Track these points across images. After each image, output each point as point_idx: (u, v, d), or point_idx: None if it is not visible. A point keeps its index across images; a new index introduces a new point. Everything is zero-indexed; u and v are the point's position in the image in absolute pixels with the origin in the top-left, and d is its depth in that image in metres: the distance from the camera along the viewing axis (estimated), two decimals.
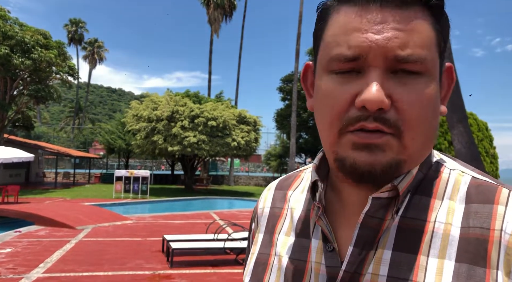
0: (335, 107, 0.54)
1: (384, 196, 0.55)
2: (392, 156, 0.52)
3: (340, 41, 0.53)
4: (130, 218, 12.49)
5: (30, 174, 30.01)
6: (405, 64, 0.51)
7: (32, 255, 7.49)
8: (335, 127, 0.54)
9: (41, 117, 61.92)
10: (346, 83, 0.53)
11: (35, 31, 22.23)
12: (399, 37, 0.51)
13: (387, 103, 0.51)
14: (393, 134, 0.52)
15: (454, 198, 0.55)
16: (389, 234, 0.55)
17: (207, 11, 36.31)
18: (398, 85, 0.52)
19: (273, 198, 0.74)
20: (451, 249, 0.51)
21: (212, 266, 7.04)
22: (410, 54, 0.51)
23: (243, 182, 35.91)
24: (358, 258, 0.55)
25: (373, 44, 0.51)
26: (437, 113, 0.56)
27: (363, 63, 0.52)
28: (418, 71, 0.52)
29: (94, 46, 61.57)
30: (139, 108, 24.12)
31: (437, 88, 0.55)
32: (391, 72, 0.52)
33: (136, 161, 46.00)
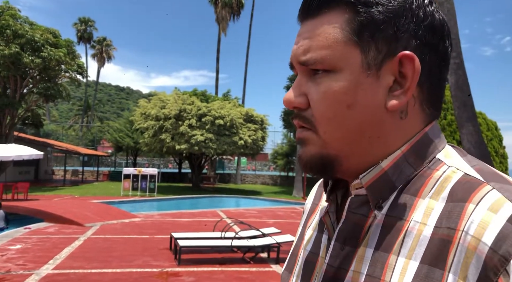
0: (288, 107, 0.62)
1: (362, 193, 0.57)
2: (316, 150, 0.57)
3: None
4: (138, 216, 12.57)
5: (39, 172, 30.28)
6: (310, 66, 0.57)
7: (42, 252, 7.58)
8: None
9: (50, 115, 62.44)
10: None
11: (45, 30, 22.40)
12: (304, 44, 0.57)
13: (298, 101, 0.58)
14: (311, 129, 0.57)
15: (436, 197, 0.53)
16: (372, 232, 0.55)
17: (215, 9, 36.34)
18: (312, 84, 0.57)
19: (315, 194, 0.78)
20: (419, 249, 0.50)
21: (219, 264, 7.07)
22: (309, 58, 0.56)
23: (250, 180, 35.93)
24: (340, 253, 0.57)
25: (292, 53, 0.60)
26: (355, 107, 0.55)
27: (295, 69, 0.61)
28: (325, 69, 0.56)
29: (103, 45, 61.89)
30: (147, 106, 24.23)
31: (352, 82, 0.54)
32: (312, 74, 0.57)
33: (144, 159, 46.26)
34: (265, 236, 7.97)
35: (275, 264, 7.22)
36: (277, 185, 34.43)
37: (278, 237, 7.91)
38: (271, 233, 8.34)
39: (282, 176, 35.12)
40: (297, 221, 13.05)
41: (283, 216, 14.11)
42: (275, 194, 25.20)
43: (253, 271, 6.79)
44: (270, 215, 14.36)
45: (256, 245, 7.37)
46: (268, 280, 6.26)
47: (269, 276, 6.53)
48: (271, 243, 7.49)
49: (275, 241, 7.49)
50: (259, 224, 10.66)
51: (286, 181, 33.62)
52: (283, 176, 35.00)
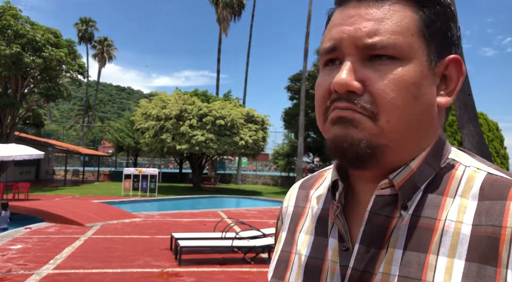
0: (320, 95, 0.58)
1: (386, 193, 0.56)
2: (364, 135, 0.54)
3: (325, 37, 0.59)
4: (138, 216, 12.57)
5: (40, 172, 30.31)
6: (375, 50, 0.54)
7: (42, 252, 7.58)
8: (321, 109, 0.58)
9: (51, 115, 62.51)
10: (329, 74, 0.58)
11: (46, 30, 22.43)
12: (368, 26, 0.54)
13: (357, 86, 0.53)
14: (367, 116, 0.54)
15: (466, 196, 0.54)
16: (400, 233, 0.54)
17: (216, 10, 36.35)
18: (372, 71, 0.54)
19: (296, 197, 0.75)
20: (461, 248, 0.50)
21: (220, 265, 7.07)
22: (377, 41, 0.53)
23: (250, 181, 35.93)
24: (366, 256, 0.55)
25: (345, 34, 0.55)
26: (419, 99, 0.55)
27: (340, 53, 0.56)
28: (392, 56, 0.53)
29: (104, 45, 61.93)
30: (148, 106, 24.25)
31: (419, 73, 0.54)
32: (368, 60, 0.55)
33: (145, 159, 46.29)
34: (266, 236, 7.97)
35: None
36: (278, 185, 34.43)
37: None
38: (272, 233, 8.33)
39: (282, 177, 35.11)
40: None
41: None
42: (275, 194, 25.19)
43: (254, 271, 6.79)
44: (271, 215, 14.35)
45: (257, 246, 7.36)
46: None
47: None
48: (272, 243, 7.48)
49: None
50: (260, 224, 10.65)
51: (287, 182, 33.61)
52: (283, 177, 34.99)
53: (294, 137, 32.78)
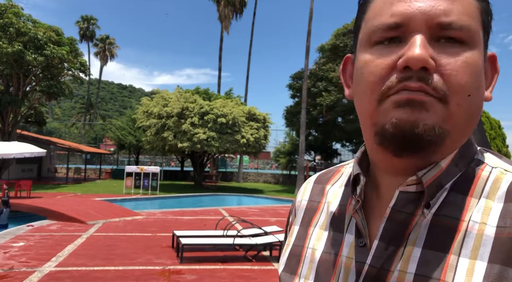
0: (376, 72, 0.53)
1: (411, 190, 0.54)
2: (437, 120, 0.50)
3: (383, 12, 0.54)
4: (140, 214, 12.60)
5: (42, 169, 30.39)
6: (449, 31, 0.51)
7: (44, 249, 7.60)
8: (375, 93, 0.53)
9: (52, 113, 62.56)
10: (387, 52, 0.53)
11: (48, 28, 22.44)
12: (443, 5, 0.51)
13: (432, 63, 0.50)
14: (438, 98, 0.50)
15: (492, 197, 0.53)
16: (420, 231, 0.53)
17: (217, 8, 36.31)
18: (442, 52, 0.51)
19: (311, 191, 0.74)
20: (484, 250, 0.49)
21: (221, 262, 7.08)
22: (454, 21, 0.51)
23: (252, 179, 35.95)
24: (384, 253, 0.54)
25: (416, 11, 0.51)
26: (482, 88, 0.54)
27: (406, 30, 0.52)
28: (463, 39, 0.51)
29: (106, 43, 61.94)
30: (150, 104, 24.26)
31: (482, 61, 0.54)
32: (435, 41, 0.51)
33: (146, 157, 46.35)
34: (267, 234, 7.97)
35: (277, 262, 7.22)
36: (279, 183, 34.44)
37: (280, 235, 7.91)
38: (273, 231, 8.35)
39: (284, 175, 35.12)
40: None
41: (285, 215, 14.10)
42: (277, 192, 25.19)
43: (255, 269, 6.80)
44: (272, 213, 14.36)
45: (258, 243, 7.37)
46: (270, 278, 6.27)
47: (271, 274, 6.53)
48: (273, 241, 7.49)
49: (277, 239, 7.50)
50: (261, 222, 10.67)
51: (288, 180, 33.63)
52: (285, 175, 35.00)
53: (296, 135, 32.78)
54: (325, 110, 27.06)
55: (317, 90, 27.48)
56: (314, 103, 27.47)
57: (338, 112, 26.98)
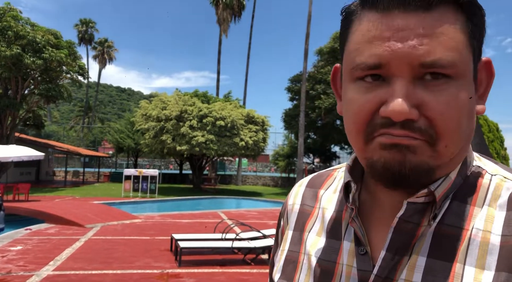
0: (361, 114, 0.52)
1: (419, 201, 0.54)
2: (423, 159, 0.50)
3: (362, 50, 0.52)
4: (138, 217, 12.57)
5: (40, 173, 30.32)
6: (432, 69, 0.49)
7: (42, 253, 7.57)
8: (361, 134, 0.53)
9: (51, 116, 62.54)
10: (370, 91, 0.52)
11: (46, 31, 22.45)
12: (424, 43, 0.48)
13: (415, 113, 0.49)
14: (424, 140, 0.50)
15: (493, 205, 0.53)
16: (425, 240, 0.53)
17: (216, 11, 36.39)
18: (426, 93, 0.49)
19: (303, 195, 0.72)
20: (491, 258, 0.49)
21: (220, 266, 7.06)
22: (437, 59, 0.48)
23: (250, 181, 35.93)
24: (390, 263, 0.54)
25: (397, 52, 0.49)
26: (472, 116, 0.53)
27: (387, 71, 0.50)
28: (448, 75, 0.49)
29: (104, 46, 61.99)
30: (148, 107, 24.27)
31: (471, 90, 0.52)
32: (419, 79, 0.50)
33: (145, 160, 46.28)
34: (266, 237, 7.96)
35: None
36: (278, 186, 34.42)
37: None
38: (272, 234, 8.33)
39: (283, 178, 35.12)
40: None
41: None
42: (276, 195, 25.17)
43: (254, 272, 6.77)
44: (271, 216, 14.33)
45: (257, 247, 7.35)
46: None
47: None
48: (272, 244, 7.46)
49: None
50: (260, 225, 10.65)
51: (287, 183, 33.61)
52: (284, 178, 34.99)
53: (294, 138, 32.80)
54: (323, 113, 27.10)
55: (316, 93, 27.53)
56: (312, 105, 27.51)
57: (336, 115, 26.97)
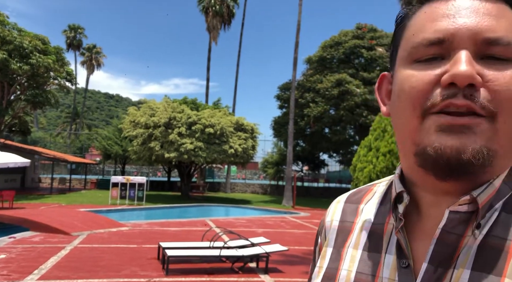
0: (418, 87, 0.51)
1: (462, 210, 0.51)
2: (484, 143, 0.48)
3: (425, 28, 0.52)
4: (125, 225, 12.43)
5: (25, 180, 29.84)
6: (495, 47, 0.49)
7: (27, 262, 7.44)
8: (418, 108, 0.51)
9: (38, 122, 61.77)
10: (430, 67, 0.51)
11: (34, 37, 22.26)
12: (488, 21, 0.50)
13: (479, 79, 0.48)
14: (485, 116, 0.48)
15: None
16: (470, 253, 0.51)
17: (205, 18, 36.49)
18: (489, 68, 0.49)
19: (342, 211, 0.71)
20: None
21: (207, 274, 7.01)
22: (501, 37, 0.49)
23: (239, 189, 35.83)
24: (433, 276, 0.52)
25: (461, 26, 0.50)
26: None
27: (450, 47, 0.50)
28: (508, 57, 0.50)
29: (92, 52, 61.59)
30: (137, 114, 24.13)
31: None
32: (479, 59, 0.50)
33: (133, 167, 45.86)
34: (254, 245, 7.93)
35: (264, 274, 7.18)
36: (267, 194, 34.39)
37: (267, 246, 7.88)
38: (260, 242, 8.31)
39: (272, 185, 35.12)
40: (286, 230, 13.03)
41: (272, 226, 14.07)
42: (264, 203, 25.14)
43: (242, 281, 6.74)
44: (260, 224, 14.31)
45: (245, 255, 7.33)
46: None
47: None
48: (260, 252, 7.45)
49: (264, 250, 7.46)
50: (248, 233, 10.61)
51: (276, 190, 33.61)
52: (273, 185, 34.99)
53: (283, 146, 32.88)
54: (312, 121, 27.25)
55: (305, 101, 27.69)
56: (301, 114, 27.64)
57: (325, 123, 27.17)
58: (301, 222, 15.50)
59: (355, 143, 28.42)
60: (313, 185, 35.88)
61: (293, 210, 20.67)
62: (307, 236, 11.96)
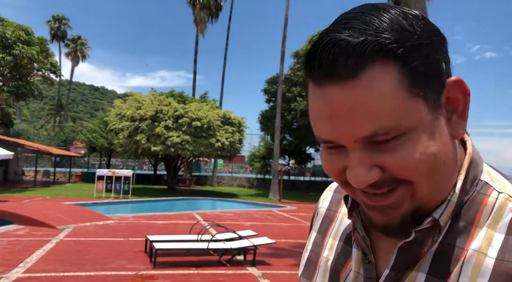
0: (332, 175, 0.56)
1: (426, 226, 0.54)
2: (408, 208, 0.53)
3: (314, 124, 0.54)
4: (112, 218, 12.35)
5: (8, 172, 29.34)
6: (376, 138, 0.49)
7: (11, 255, 7.35)
8: (340, 181, 0.56)
9: (21, 114, 60.66)
10: (334, 155, 0.54)
11: (17, 27, 21.80)
12: (359, 117, 0.48)
13: (373, 176, 0.51)
14: (399, 185, 0.52)
15: (494, 227, 0.53)
16: (426, 258, 0.55)
17: (193, 11, 36.19)
18: (381, 153, 0.50)
19: (331, 200, 0.76)
20: (481, 280, 0.50)
21: (195, 267, 7.02)
22: (376, 130, 0.49)
23: (226, 183, 35.85)
24: (393, 278, 0.57)
25: (339, 131, 0.50)
26: (439, 151, 0.51)
27: (341, 144, 0.52)
28: (395, 136, 0.49)
29: (77, 43, 60.68)
30: (123, 107, 23.88)
31: (428, 131, 0.51)
32: (371, 143, 0.50)
33: (118, 161, 45.47)
34: (242, 238, 7.97)
35: (251, 266, 7.23)
36: (254, 187, 34.49)
37: (255, 239, 7.93)
38: (248, 235, 8.35)
39: (258, 179, 35.22)
40: (273, 224, 13.11)
41: (259, 219, 14.13)
42: (251, 196, 25.22)
43: (230, 273, 6.78)
44: (247, 217, 14.36)
45: (233, 248, 7.36)
46: None
47: (246, 278, 6.53)
48: (248, 245, 7.49)
49: (252, 243, 7.50)
50: (236, 226, 10.65)
51: (263, 184, 33.72)
52: (259, 179, 35.09)
53: (270, 140, 32.95)
54: (299, 115, 27.35)
55: (292, 95, 27.76)
56: (289, 108, 27.71)
57: None
58: (288, 216, 15.60)
59: None
60: (299, 179, 36.11)
61: (280, 204, 20.79)
62: (294, 229, 12.06)
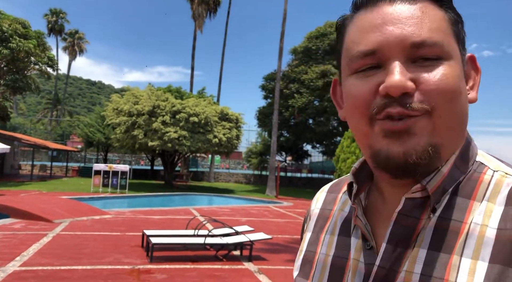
0: (361, 97, 0.57)
1: (417, 196, 0.57)
2: (426, 140, 0.54)
3: (359, 40, 0.58)
4: (109, 213, 12.36)
5: (4, 166, 29.27)
6: (422, 49, 0.54)
7: (8, 248, 7.36)
8: (365, 115, 0.57)
9: (17, 108, 60.41)
10: (369, 77, 0.57)
11: (14, 20, 21.68)
12: (413, 25, 0.54)
13: (411, 85, 0.53)
14: (421, 115, 0.54)
15: (493, 200, 0.55)
16: (426, 233, 0.56)
17: (191, 6, 36.03)
18: (420, 70, 0.54)
19: (324, 200, 0.78)
20: (485, 251, 0.51)
21: (192, 262, 7.06)
22: (426, 39, 0.54)
23: (223, 179, 35.89)
24: (392, 254, 0.57)
25: (389, 35, 0.55)
26: (464, 97, 0.57)
27: (382, 57, 0.55)
28: (438, 55, 0.54)
29: (75, 38, 60.35)
30: (120, 101, 23.83)
31: (460, 70, 0.57)
32: (412, 62, 0.55)
33: (115, 155, 45.44)
34: (238, 234, 8.01)
35: (247, 261, 7.27)
36: (250, 183, 34.54)
37: (251, 235, 7.97)
38: (244, 231, 8.39)
39: (255, 175, 35.27)
40: (270, 219, 13.16)
41: (256, 215, 14.18)
42: (248, 192, 25.27)
43: (226, 268, 6.81)
44: (243, 213, 14.40)
45: (229, 243, 7.40)
46: (241, 278, 6.30)
47: (242, 273, 6.57)
48: (244, 241, 7.53)
49: (248, 239, 7.54)
50: (232, 222, 10.69)
51: (259, 180, 33.77)
52: (256, 175, 35.14)
53: (268, 136, 32.96)
54: (297, 111, 27.36)
55: (290, 92, 27.76)
56: (286, 104, 27.71)
57: (309, 114, 27.32)
58: (284, 212, 15.65)
59: (339, 134, 28.67)
60: (296, 175, 36.18)
61: (277, 200, 20.84)
62: (290, 225, 12.11)
